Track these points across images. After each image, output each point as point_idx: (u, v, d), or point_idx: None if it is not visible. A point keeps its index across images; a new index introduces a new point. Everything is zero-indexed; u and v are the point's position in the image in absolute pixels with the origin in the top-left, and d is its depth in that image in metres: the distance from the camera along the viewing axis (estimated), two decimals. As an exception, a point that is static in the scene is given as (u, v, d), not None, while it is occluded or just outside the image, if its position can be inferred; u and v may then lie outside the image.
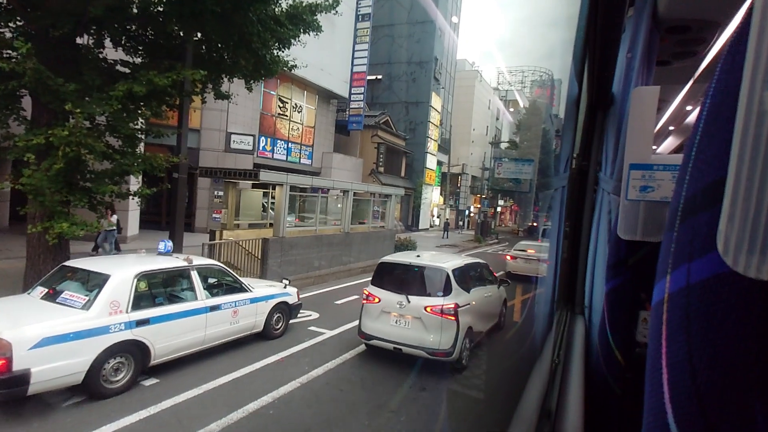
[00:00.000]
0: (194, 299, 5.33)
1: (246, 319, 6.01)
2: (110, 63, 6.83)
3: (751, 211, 0.35)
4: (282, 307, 6.71)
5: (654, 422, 0.42)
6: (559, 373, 1.77)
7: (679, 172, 0.45)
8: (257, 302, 6.20)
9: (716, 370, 0.37)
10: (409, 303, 5.63)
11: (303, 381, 5.17)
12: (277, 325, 6.64)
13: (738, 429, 0.36)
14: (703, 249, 0.39)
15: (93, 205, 6.63)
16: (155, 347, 4.80)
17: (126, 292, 4.60)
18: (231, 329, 5.79)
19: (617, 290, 1.51)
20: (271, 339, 6.52)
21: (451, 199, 40.87)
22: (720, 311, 0.37)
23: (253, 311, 6.13)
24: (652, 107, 1.20)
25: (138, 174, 6.41)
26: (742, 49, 0.36)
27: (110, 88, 5.66)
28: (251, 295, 6.11)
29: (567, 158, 2.65)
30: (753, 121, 0.35)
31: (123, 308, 4.53)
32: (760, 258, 0.35)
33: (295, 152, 21.23)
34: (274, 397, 4.71)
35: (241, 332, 6.00)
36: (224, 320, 5.66)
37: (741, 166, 0.36)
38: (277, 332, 6.64)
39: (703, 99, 0.43)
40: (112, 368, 4.46)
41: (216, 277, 6.04)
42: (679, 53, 2.01)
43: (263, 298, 6.32)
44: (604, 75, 2.08)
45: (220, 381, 5.04)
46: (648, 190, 1.18)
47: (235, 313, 5.81)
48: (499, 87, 59.36)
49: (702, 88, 2.91)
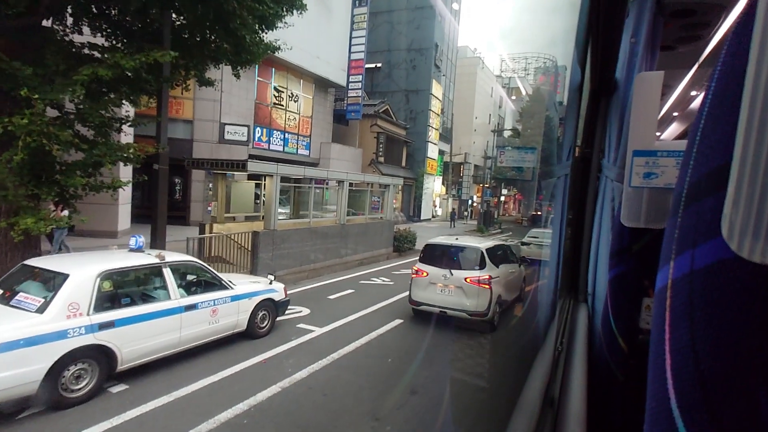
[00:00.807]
0: (167, 298, 4.96)
1: (227, 318, 5.65)
2: (78, 46, 6.39)
3: (757, 196, 0.35)
4: (267, 304, 6.34)
5: (657, 408, 0.42)
6: (562, 361, 1.77)
7: (683, 158, 0.45)
8: (239, 300, 5.82)
9: (720, 356, 0.37)
10: (452, 276, 6.97)
11: (285, 385, 4.81)
12: (262, 324, 6.27)
13: (741, 415, 0.36)
14: (707, 234, 0.39)
15: (66, 199, 6.26)
16: (122, 351, 4.44)
17: (87, 293, 4.23)
18: (210, 329, 5.43)
19: (620, 277, 1.50)
20: (255, 338, 6.16)
21: (454, 189, 40.37)
22: (724, 296, 0.37)
23: (234, 309, 5.76)
24: (656, 93, 1.19)
25: (110, 165, 6.01)
26: (748, 31, 0.36)
27: (74, 73, 5.24)
28: (232, 292, 5.74)
29: (570, 146, 2.61)
30: (759, 103, 0.35)
31: (84, 310, 4.16)
32: (765, 243, 0.34)
33: (292, 143, 20.79)
34: (250, 405, 4.34)
35: (221, 332, 5.64)
36: (201, 320, 5.30)
37: (747, 149, 0.35)
38: (263, 331, 6.28)
39: (707, 83, 0.42)
40: (72, 376, 4.10)
41: (194, 274, 5.66)
42: (683, 38, 2.00)
43: (245, 295, 5.95)
44: (607, 61, 2.05)
45: (195, 386, 4.68)
46: (651, 177, 1.17)
47: (213, 313, 5.44)
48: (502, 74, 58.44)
49: (707, 72, 2.90)
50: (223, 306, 5.58)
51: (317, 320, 7.22)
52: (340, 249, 12.39)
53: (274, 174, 9.62)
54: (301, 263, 10.88)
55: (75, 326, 4.05)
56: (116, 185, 6.29)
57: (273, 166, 9.60)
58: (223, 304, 5.57)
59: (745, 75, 0.36)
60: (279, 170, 9.72)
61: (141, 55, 5.37)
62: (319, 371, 5.24)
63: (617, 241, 1.49)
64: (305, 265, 11.01)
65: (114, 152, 6.07)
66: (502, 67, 62.86)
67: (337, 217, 12.45)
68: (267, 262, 9.73)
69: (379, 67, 32.13)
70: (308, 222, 11.26)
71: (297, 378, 5.00)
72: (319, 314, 7.60)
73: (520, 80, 59.16)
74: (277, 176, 9.68)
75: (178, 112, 16.38)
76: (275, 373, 5.11)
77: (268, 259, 9.73)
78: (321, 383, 4.94)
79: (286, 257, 10.32)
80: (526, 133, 39.13)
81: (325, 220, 12.34)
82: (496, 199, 48.83)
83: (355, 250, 13.02)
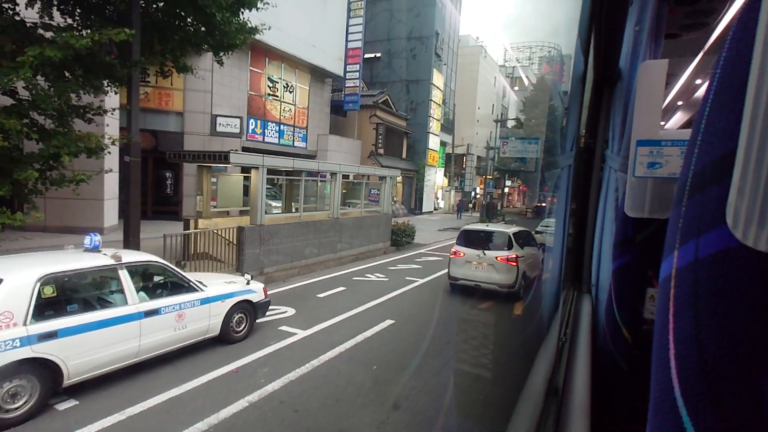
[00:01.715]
0: (123, 303, 4.47)
1: (196, 322, 5.16)
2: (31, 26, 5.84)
3: (762, 184, 0.34)
4: (244, 306, 5.85)
5: (661, 398, 0.41)
6: (566, 351, 1.76)
7: (687, 147, 0.44)
8: (210, 302, 5.33)
9: (724, 345, 0.37)
10: (485, 255, 8.34)
11: (253, 399, 4.31)
12: (238, 327, 5.79)
13: (745, 403, 0.36)
14: (711, 223, 0.39)
15: (25, 195, 5.77)
16: (68, 365, 3.95)
17: (23, 300, 3.74)
18: (175, 336, 4.94)
19: (624, 268, 1.51)
20: (231, 343, 5.68)
21: (456, 181, 39.73)
22: (728, 285, 0.37)
23: (204, 313, 5.27)
24: (660, 82, 1.19)
25: (68, 157, 5.50)
26: (754, 17, 0.35)
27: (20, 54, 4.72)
28: (202, 294, 5.24)
29: (573, 136, 2.59)
30: (765, 91, 0.34)
31: (19, 320, 3.68)
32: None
33: (288, 135, 20.23)
34: (210, 424, 3.85)
35: (190, 338, 5.16)
36: (165, 326, 4.81)
37: (752, 137, 0.35)
38: (239, 335, 5.79)
39: (712, 71, 0.42)
40: (7, 394, 3.63)
41: (158, 276, 5.18)
42: (688, 25, 1.98)
43: (218, 297, 5.45)
44: (610, 50, 2.04)
45: (154, 401, 4.20)
46: (656, 167, 1.17)
47: (180, 317, 4.95)
48: (506, 64, 57.43)
49: (712, 60, 2.84)
50: (192, 310, 5.08)
51: (302, 322, 6.73)
52: (334, 244, 11.89)
53: (260, 166, 9.10)
54: (292, 259, 10.39)
55: (7, 339, 3.57)
56: (78, 179, 5.78)
57: (258, 158, 9.08)
58: (190, 308, 5.07)
59: (751, 62, 0.35)
60: (265, 162, 9.20)
61: (93, 34, 4.84)
62: (294, 381, 4.75)
63: (621, 231, 1.49)
64: (296, 261, 10.52)
65: (73, 143, 5.56)
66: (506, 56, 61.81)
67: (330, 211, 11.92)
68: (254, 258, 9.24)
69: (378, 57, 31.42)
70: (299, 216, 10.75)
71: (269, 390, 4.51)
72: (304, 315, 7.11)
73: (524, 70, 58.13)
74: (263, 168, 9.16)
75: (168, 103, 15.86)
76: (245, 384, 4.61)
77: (255, 255, 9.25)
78: (295, 396, 4.44)
79: (275, 253, 9.83)
80: (530, 123, 38.30)
81: (317, 214, 11.82)
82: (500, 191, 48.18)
83: (351, 245, 12.51)
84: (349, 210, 13.25)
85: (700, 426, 0.37)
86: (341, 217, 12.18)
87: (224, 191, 10.57)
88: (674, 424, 0.39)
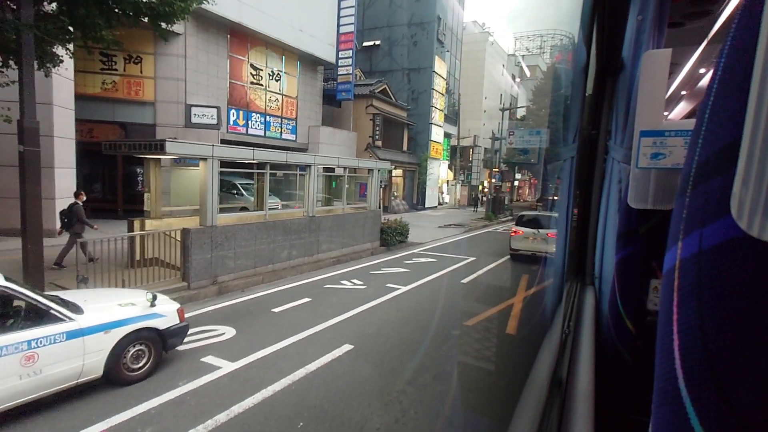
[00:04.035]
0: (-76, 347, 3.14)
1: (60, 364, 3.81)
2: None
3: (767, 173, 0.34)
4: (146, 335, 4.51)
5: (665, 389, 0.42)
6: (569, 343, 1.77)
7: (691, 137, 0.44)
8: (85, 335, 3.99)
9: (728, 336, 0.37)
10: (539, 232, 11.47)
11: (100, 489, 2.96)
12: (135, 364, 4.44)
13: (750, 394, 0.36)
14: (716, 214, 0.38)
15: None
16: None
17: None
18: (23, 386, 3.60)
19: (628, 259, 1.52)
20: (126, 385, 4.34)
21: (462, 174, 38.10)
22: (733, 276, 0.36)
23: (75, 350, 3.92)
24: (664, 71, 1.20)
25: None
26: (760, 3, 0.35)
27: None
28: (69, 326, 3.89)
29: (576, 127, 2.56)
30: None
31: None
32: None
33: (275, 126, 18.89)
34: None
35: (51, 386, 3.81)
36: (5, 374, 3.47)
37: (757, 126, 0.35)
38: (137, 374, 4.45)
39: (717, 60, 0.41)
40: None
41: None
42: (692, 13, 2.02)
43: (98, 327, 4.11)
44: (613, 39, 2.04)
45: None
46: (659, 157, 1.18)
47: (29, 360, 3.61)
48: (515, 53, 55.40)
49: (715, 49, 2.89)
50: (50, 348, 3.74)
51: (236, 349, 5.37)
52: (310, 245, 10.51)
53: (209, 157, 7.75)
54: (256, 265, 9.04)
55: None
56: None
57: (206, 148, 7.71)
58: (48, 346, 3.73)
59: (756, 50, 0.35)
60: (216, 152, 7.83)
61: None
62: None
63: (624, 222, 1.51)
64: (262, 266, 9.17)
65: None
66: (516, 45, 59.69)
67: (304, 209, 10.53)
68: (205, 265, 7.91)
69: (378, 44, 29.91)
70: (263, 215, 9.37)
71: (133, 470, 3.15)
72: (245, 338, 5.75)
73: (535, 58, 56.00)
74: (214, 160, 7.80)
75: (138, 93, 14.61)
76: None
77: (205, 261, 7.91)
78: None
79: (233, 258, 8.49)
80: (540, 113, 36.44)
81: (288, 213, 10.46)
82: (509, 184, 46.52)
83: (330, 247, 11.12)
84: (330, 207, 11.87)
85: (704, 416, 0.37)
86: (318, 215, 10.79)
87: (180, 187, 9.26)
88: (678, 414, 0.39)
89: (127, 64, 14.48)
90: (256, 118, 17.89)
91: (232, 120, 16.79)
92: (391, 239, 13.51)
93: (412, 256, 12.58)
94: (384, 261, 11.66)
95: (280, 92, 18.99)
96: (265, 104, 18.26)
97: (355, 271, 10.22)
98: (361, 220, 12.47)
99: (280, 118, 19.14)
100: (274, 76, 18.57)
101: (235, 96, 16.90)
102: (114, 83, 14.45)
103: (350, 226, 11.97)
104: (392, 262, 11.47)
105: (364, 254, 12.36)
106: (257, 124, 17.93)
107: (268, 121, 18.47)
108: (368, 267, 10.77)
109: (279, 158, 9.41)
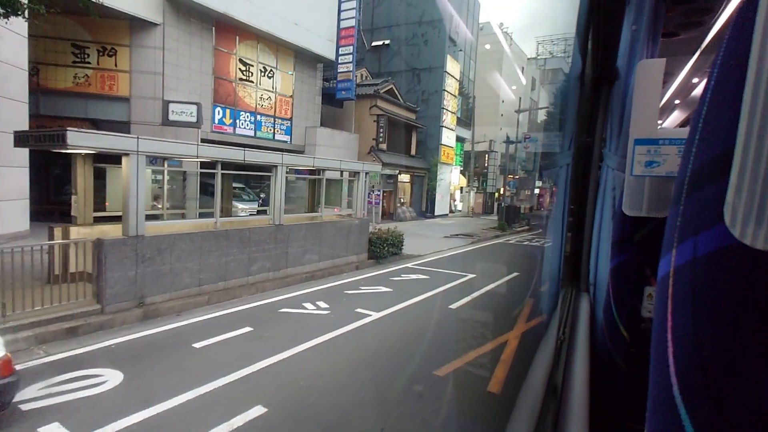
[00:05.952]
0: None
1: None
2: None
3: (760, 182, 0.34)
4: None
5: (659, 396, 0.41)
6: (564, 350, 1.77)
7: (685, 145, 0.44)
8: None
9: (722, 343, 0.37)
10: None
11: None
12: None
13: (744, 401, 0.36)
14: (709, 222, 0.39)
15: None
16: None
17: None
18: None
19: (622, 266, 1.52)
20: None
21: (477, 181, 36.19)
22: (726, 283, 0.37)
23: None
24: (658, 81, 1.21)
25: None
26: (752, 15, 0.36)
27: None
28: None
29: (571, 135, 2.62)
30: (762, 89, 0.35)
31: None
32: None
33: (267, 126, 17.58)
34: None
35: None
36: None
37: (750, 135, 0.35)
38: None
39: (710, 69, 0.42)
40: None
41: None
42: (685, 24, 2.06)
43: None
44: (608, 49, 2.07)
45: None
46: (653, 165, 1.18)
47: None
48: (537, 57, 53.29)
49: (709, 59, 2.82)
50: None
51: (99, 410, 3.87)
52: (277, 259, 9.01)
53: (133, 152, 6.34)
54: (201, 282, 7.58)
55: None
56: None
57: (127, 141, 6.31)
58: None
59: (748, 60, 0.35)
60: (142, 147, 6.43)
61: None
62: None
63: (619, 230, 1.51)
64: (210, 284, 7.71)
65: None
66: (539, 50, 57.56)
67: (270, 216, 9.05)
68: (128, 283, 6.48)
69: (387, 44, 28.50)
70: (213, 223, 7.92)
71: None
72: (123, 391, 4.25)
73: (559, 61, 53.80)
74: (139, 156, 6.40)
75: (112, 88, 13.50)
76: None
77: (129, 279, 6.48)
78: None
79: (169, 275, 7.05)
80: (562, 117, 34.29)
81: (243, 221, 9.00)
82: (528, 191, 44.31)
83: (301, 260, 9.59)
84: (299, 215, 10.37)
85: (698, 423, 0.37)
86: (288, 223, 9.29)
87: (114, 190, 7.92)
88: (673, 421, 0.39)
89: (100, 57, 13.39)
90: (245, 117, 16.62)
91: (217, 119, 15.54)
92: (381, 251, 11.91)
93: (401, 271, 10.94)
94: (367, 277, 10.06)
95: (273, 90, 17.70)
96: (255, 102, 16.98)
97: (326, 291, 8.66)
98: (344, 229, 10.91)
99: (273, 117, 17.83)
100: (266, 73, 17.30)
101: (221, 93, 15.66)
102: (87, 77, 13.38)
103: (330, 236, 10.43)
104: (375, 279, 9.86)
105: (346, 269, 10.80)
106: (246, 124, 16.65)
107: (259, 121, 17.18)
108: (344, 285, 9.19)
109: (233, 156, 7.97)
